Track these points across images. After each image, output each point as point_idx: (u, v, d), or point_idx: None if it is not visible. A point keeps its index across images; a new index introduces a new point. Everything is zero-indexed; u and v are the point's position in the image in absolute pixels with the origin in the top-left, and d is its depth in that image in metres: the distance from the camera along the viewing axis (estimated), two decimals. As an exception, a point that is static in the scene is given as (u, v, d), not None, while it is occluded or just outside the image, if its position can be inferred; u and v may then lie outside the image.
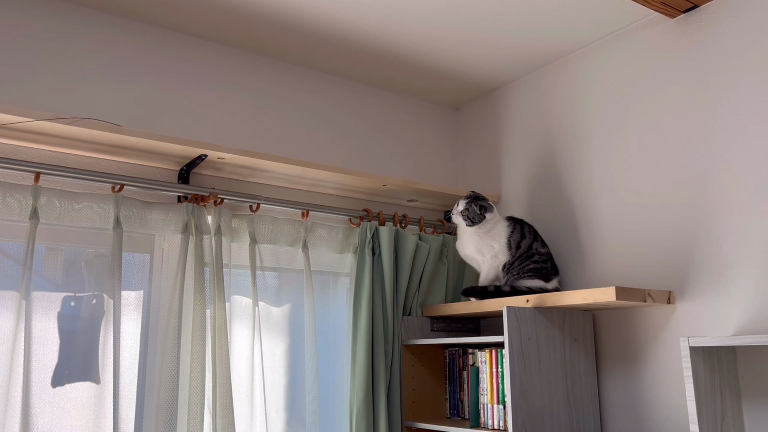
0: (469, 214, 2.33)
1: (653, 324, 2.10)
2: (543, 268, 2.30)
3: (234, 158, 2.11)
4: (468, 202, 2.35)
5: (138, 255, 2.11)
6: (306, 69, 2.63)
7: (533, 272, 2.29)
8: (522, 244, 2.34)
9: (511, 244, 2.34)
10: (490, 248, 2.36)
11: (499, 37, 2.40)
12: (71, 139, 1.92)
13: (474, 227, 2.34)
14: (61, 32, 2.10)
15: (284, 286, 2.33)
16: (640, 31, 2.28)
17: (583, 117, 2.45)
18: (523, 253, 2.33)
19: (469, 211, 2.34)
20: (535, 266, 2.30)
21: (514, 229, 2.38)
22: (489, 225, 2.35)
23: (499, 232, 2.37)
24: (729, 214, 1.94)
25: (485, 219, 2.33)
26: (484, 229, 2.35)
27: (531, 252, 2.33)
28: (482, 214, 2.33)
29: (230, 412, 1.98)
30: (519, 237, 2.36)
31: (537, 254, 2.33)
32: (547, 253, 2.35)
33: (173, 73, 2.30)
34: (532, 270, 2.30)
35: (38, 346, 1.83)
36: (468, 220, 2.34)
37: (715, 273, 1.95)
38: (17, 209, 1.81)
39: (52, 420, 1.81)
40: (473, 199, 2.35)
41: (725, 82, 2.00)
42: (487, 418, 2.17)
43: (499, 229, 2.37)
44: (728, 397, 1.79)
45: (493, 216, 2.36)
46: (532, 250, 2.34)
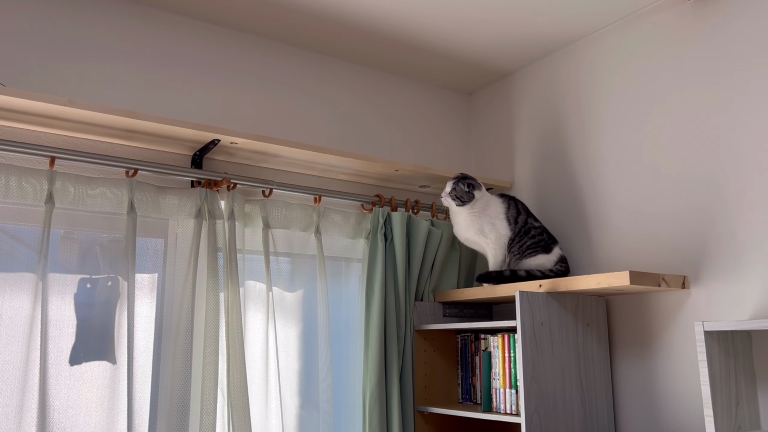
0: (457, 194, 2.32)
1: (667, 309, 2.08)
2: (541, 240, 2.31)
3: (247, 143, 2.12)
4: (455, 182, 2.34)
5: (152, 240, 2.12)
6: (319, 54, 2.63)
7: (533, 248, 2.30)
8: (519, 219, 2.35)
9: (510, 219, 2.35)
10: (492, 227, 2.35)
11: (512, 21, 2.38)
12: (86, 124, 1.93)
13: (465, 207, 2.33)
14: (75, 18, 2.11)
15: (297, 272, 2.34)
16: (656, 14, 2.25)
17: (597, 101, 2.42)
18: (521, 229, 2.34)
19: (456, 190, 2.33)
20: (532, 241, 2.31)
21: (509, 205, 2.38)
22: (481, 203, 2.34)
23: (497, 210, 2.36)
24: (745, 197, 1.92)
25: (474, 198, 2.32)
26: (477, 207, 2.34)
27: (527, 227, 2.34)
28: (470, 192, 2.32)
29: (245, 394, 1.99)
30: (516, 213, 2.37)
31: (533, 228, 2.34)
32: (540, 227, 2.36)
33: (187, 59, 2.30)
34: (531, 246, 2.30)
35: (55, 327, 1.85)
36: (457, 199, 2.33)
37: (730, 257, 1.93)
38: (32, 194, 1.83)
39: (69, 400, 1.83)
40: (460, 179, 2.35)
41: (743, 65, 1.97)
42: (500, 403, 2.18)
43: (495, 207, 2.37)
44: (743, 382, 1.77)
45: (482, 194, 2.35)
46: (528, 224, 2.34)
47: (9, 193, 1.80)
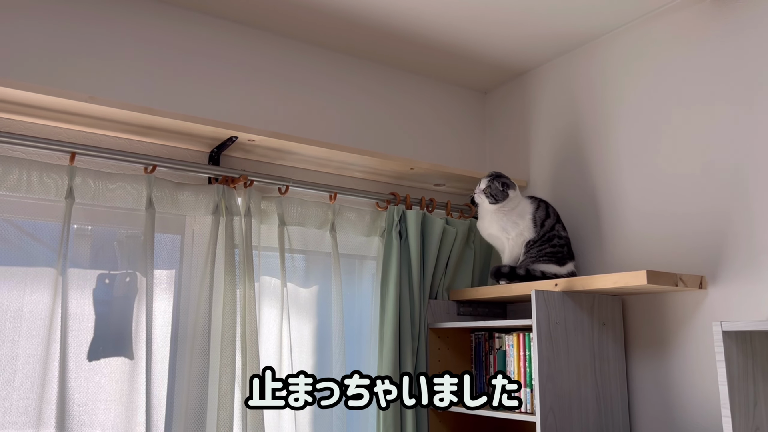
0: (492, 191, 2.33)
1: (684, 309, 2.08)
2: (559, 252, 2.30)
3: (264, 140, 2.13)
4: (490, 180, 2.34)
5: (169, 236, 2.14)
6: (335, 53, 2.63)
7: (549, 256, 2.29)
8: (546, 223, 2.34)
9: (537, 221, 2.34)
10: (515, 225, 2.35)
11: (528, 19, 2.37)
12: (105, 120, 1.95)
13: (497, 205, 2.33)
14: (95, 15, 2.13)
15: (312, 268, 2.34)
16: (674, 13, 2.24)
17: (612, 100, 2.41)
18: (546, 233, 2.33)
19: (491, 188, 2.33)
20: (551, 250, 2.30)
21: (539, 206, 2.37)
22: (512, 203, 2.35)
23: (524, 210, 2.36)
24: (764, 196, 1.91)
25: (508, 197, 2.33)
26: (508, 207, 2.34)
27: (553, 233, 2.33)
28: (505, 191, 2.32)
29: (259, 390, 2.01)
30: (544, 215, 2.36)
31: (557, 237, 2.33)
32: (566, 238, 2.34)
33: (205, 56, 2.32)
34: (548, 254, 2.29)
35: (74, 322, 1.87)
36: (491, 197, 2.33)
37: (748, 257, 1.92)
38: (54, 189, 1.85)
39: (88, 394, 1.85)
40: (495, 177, 2.34)
41: (763, 64, 1.96)
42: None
43: (523, 207, 2.37)
44: (761, 383, 1.76)
45: (515, 194, 2.36)
46: (554, 231, 2.33)
47: (31, 188, 1.82)
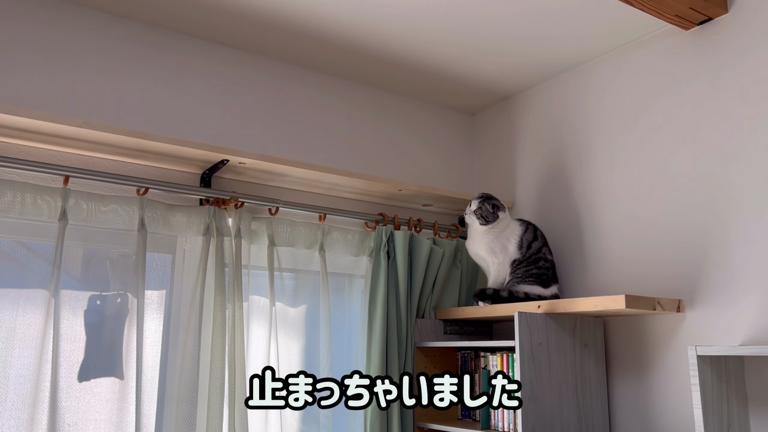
0: (483, 213, 2.38)
1: (663, 332, 2.13)
2: (544, 274, 2.35)
3: (255, 163, 2.18)
4: (480, 202, 2.39)
5: (160, 255, 2.18)
6: (325, 75, 2.69)
7: (534, 277, 2.34)
8: (533, 245, 2.39)
9: (523, 243, 2.39)
10: (503, 249, 2.40)
11: (515, 45, 2.44)
12: (99, 144, 1.99)
13: (487, 226, 2.38)
14: (87, 40, 2.17)
15: (301, 288, 2.39)
16: (654, 43, 2.31)
17: (595, 126, 2.48)
18: (532, 255, 2.38)
19: (482, 209, 2.38)
20: (537, 272, 2.35)
21: (527, 229, 2.43)
22: (502, 224, 2.40)
23: (513, 232, 2.42)
24: (739, 224, 1.97)
25: (498, 218, 2.38)
26: (498, 228, 2.39)
27: (539, 256, 2.38)
28: (495, 213, 2.38)
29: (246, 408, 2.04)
30: (531, 237, 2.41)
31: (543, 260, 2.38)
32: (551, 261, 2.40)
33: (197, 80, 2.36)
34: (534, 275, 2.34)
35: (66, 342, 1.90)
36: (482, 218, 2.38)
37: (724, 282, 1.98)
38: (47, 211, 1.89)
39: (78, 414, 1.88)
40: (485, 199, 2.40)
41: (738, 96, 2.02)
42: (498, 421, 2.22)
43: (512, 229, 2.42)
44: (735, 406, 1.82)
45: (505, 215, 2.41)
46: (540, 254, 2.38)
47: (24, 209, 1.86)
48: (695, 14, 2.08)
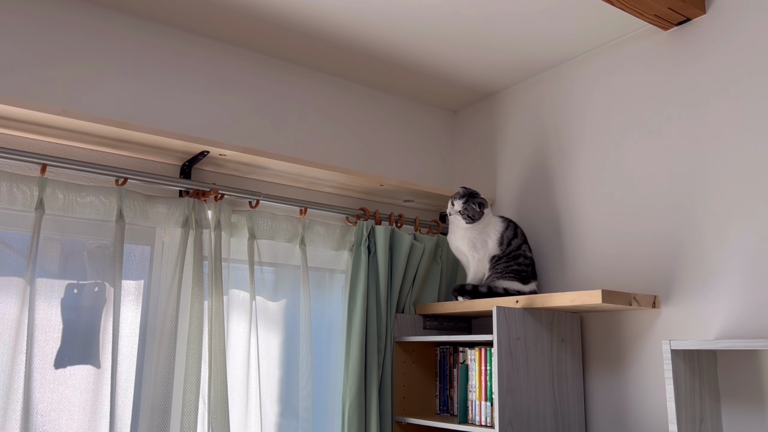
0: (469, 213, 2.37)
1: (639, 327, 2.16)
2: (524, 271, 2.37)
3: (235, 155, 2.17)
4: (465, 202, 2.38)
5: (139, 247, 2.16)
6: (308, 70, 2.69)
7: (514, 274, 2.36)
8: (513, 242, 2.41)
9: (504, 240, 2.41)
10: (484, 245, 2.41)
11: (497, 43, 2.46)
12: (78, 132, 1.98)
13: (473, 224, 2.39)
14: (68, 28, 2.15)
15: (281, 281, 2.38)
16: (634, 42, 2.34)
17: (576, 123, 2.51)
18: (512, 251, 2.39)
19: (468, 210, 2.37)
20: (517, 268, 2.37)
21: (508, 226, 2.44)
22: (485, 221, 2.41)
23: (494, 228, 2.43)
24: (713, 221, 2.00)
25: (483, 215, 2.39)
26: (481, 224, 2.40)
27: (518, 253, 2.39)
28: (481, 211, 2.39)
29: (225, 401, 2.03)
30: (512, 234, 2.43)
31: (523, 257, 2.39)
32: (531, 258, 2.42)
33: (178, 71, 2.35)
34: (513, 271, 2.36)
35: (41, 331, 1.88)
36: (468, 219, 2.37)
37: (698, 279, 2.01)
38: (22, 200, 1.87)
39: (52, 403, 1.86)
40: (469, 196, 2.39)
41: (715, 95, 2.06)
42: (475, 415, 2.23)
43: (493, 225, 2.44)
44: (707, 399, 1.85)
45: (488, 212, 2.42)
46: (520, 251, 2.40)
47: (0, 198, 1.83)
48: (674, 14, 2.11)
